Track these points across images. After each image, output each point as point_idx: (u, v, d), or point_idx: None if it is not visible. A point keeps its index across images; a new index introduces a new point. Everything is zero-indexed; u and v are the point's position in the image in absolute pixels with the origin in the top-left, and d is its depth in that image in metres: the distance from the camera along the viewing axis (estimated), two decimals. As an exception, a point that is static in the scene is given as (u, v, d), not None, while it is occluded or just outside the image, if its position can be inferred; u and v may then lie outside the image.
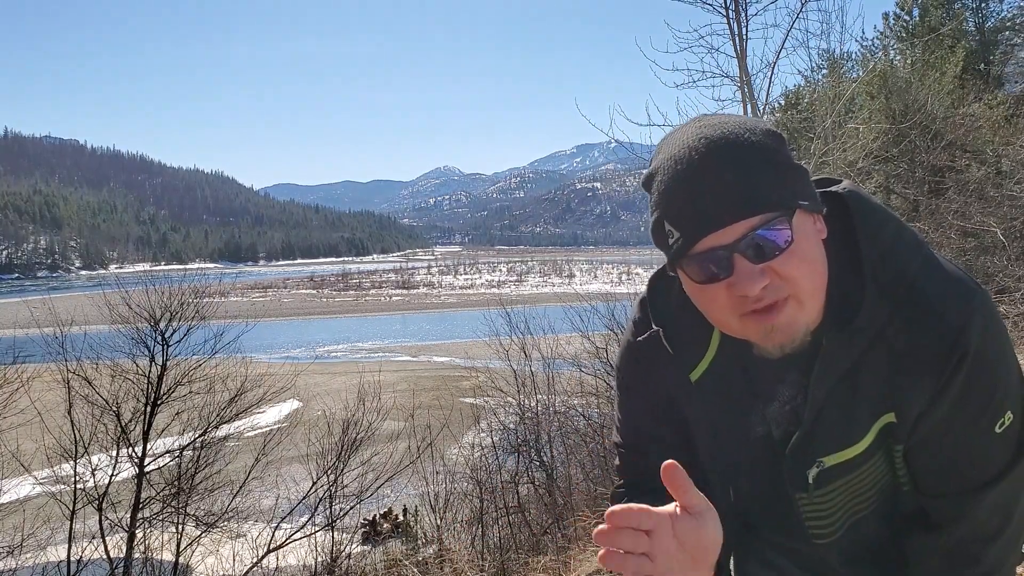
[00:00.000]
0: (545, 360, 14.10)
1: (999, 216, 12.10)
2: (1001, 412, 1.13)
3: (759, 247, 1.06)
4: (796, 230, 1.07)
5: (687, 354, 1.30)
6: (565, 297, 15.41)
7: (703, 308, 1.16)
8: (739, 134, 1.09)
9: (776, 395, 1.25)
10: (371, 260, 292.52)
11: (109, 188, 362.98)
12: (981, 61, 20.51)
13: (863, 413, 1.18)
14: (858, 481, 1.24)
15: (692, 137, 1.10)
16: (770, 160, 1.08)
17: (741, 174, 1.05)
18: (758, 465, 1.29)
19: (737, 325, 1.12)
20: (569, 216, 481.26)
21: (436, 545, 11.23)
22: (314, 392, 28.17)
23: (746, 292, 1.06)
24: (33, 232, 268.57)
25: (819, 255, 1.12)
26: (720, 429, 1.30)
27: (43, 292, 18.57)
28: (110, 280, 14.78)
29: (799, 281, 1.08)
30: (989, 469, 1.16)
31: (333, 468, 12.67)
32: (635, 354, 1.38)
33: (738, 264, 1.06)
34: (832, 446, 1.21)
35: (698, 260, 1.09)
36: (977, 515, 1.17)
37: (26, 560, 10.86)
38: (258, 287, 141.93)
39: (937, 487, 1.20)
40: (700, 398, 1.30)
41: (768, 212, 1.05)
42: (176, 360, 12.25)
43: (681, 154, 1.09)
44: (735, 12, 8.67)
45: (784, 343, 1.13)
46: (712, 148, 1.07)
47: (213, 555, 11.84)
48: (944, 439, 1.16)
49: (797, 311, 1.09)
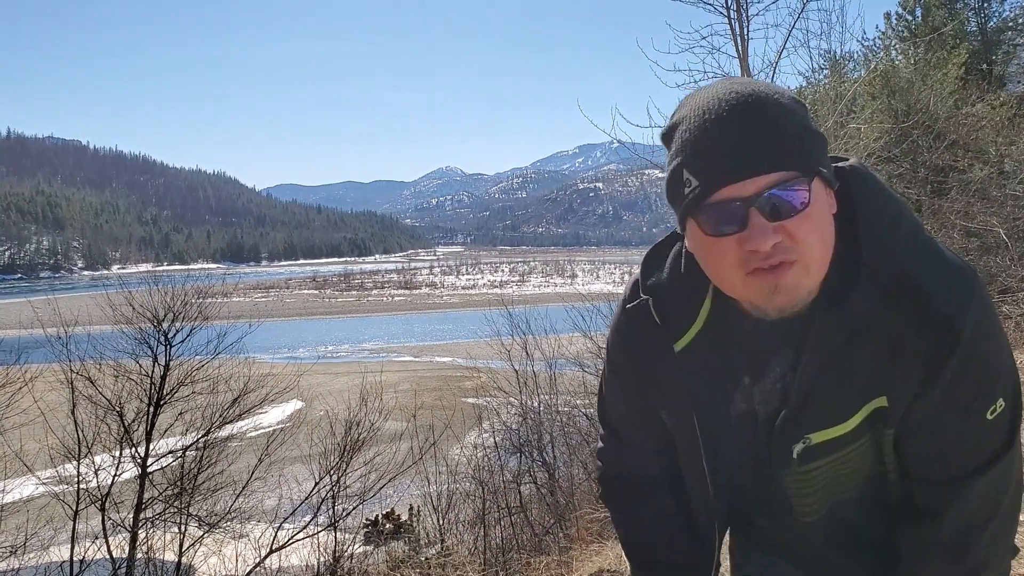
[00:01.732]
0: (547, 360, 14.11)
1: (1002, 216, 12.10)
2: (993, 399, 1.14)
3: (775, 205, 1.06)
4: (813, 195, 1.08)
5: (674, 325, 1.30)
6: (567, 297, 15.43)
7: (708, 264, 1.16)
8: (769, 94, 1.10)
9: (765, 370, 1.26)
10: (373, 260, 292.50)
11: (112, 189, 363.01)
12: (984, 61, 20.48)
13: (853, 393, 1.18)
14: (842, 462, 1.24)
15: (722, 91, 1.11)
16: (796, 122, 1.09)
17: (768, 129, 1.07)
18: (742, 441, 1.30)
19: (740, 283, 1.12)
20: (571, 216, 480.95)
21: (438, 545, 11.24)
22: (317, 392, 28.18)
23: (757, 247, 1.06)
24: (36, 233, 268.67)
25: (830, 226, 1.13)
26: (702, 403, 1.30)
27: (46, 292, 18.61)
28: (113, 280, 14.81)
29: (809, 246, 1.08)
30: (980, 456, 1.17)
31: (336, 468, 12.66)
32: (622, 327, 1.39)
33: (753, 219, 1.07)
34: (820, 423, 1.21)
35: (713, 211, 1.09)
36: (968, 502, 1.18)
37: (29, 560, 10.87)
38: (260, 287, 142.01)
39: (927, 473, 1.20)
40: (683, 371, 1.30)
41: (789, 171, 1.06)
42: (179, 360, 12.25)
43: (709, 105, 1.10)
44: (736, 12, 8.68)
45: (785, 306, 1.13)
46: (741, 102, 1.08)
47: (216, 555, 11.84)
48: (936, 425, 1.16)
49: (802, 275, 1.10)
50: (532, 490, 12.07)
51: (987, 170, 13.55)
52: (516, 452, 12.76)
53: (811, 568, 1.42)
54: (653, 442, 1.42)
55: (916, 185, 14.47)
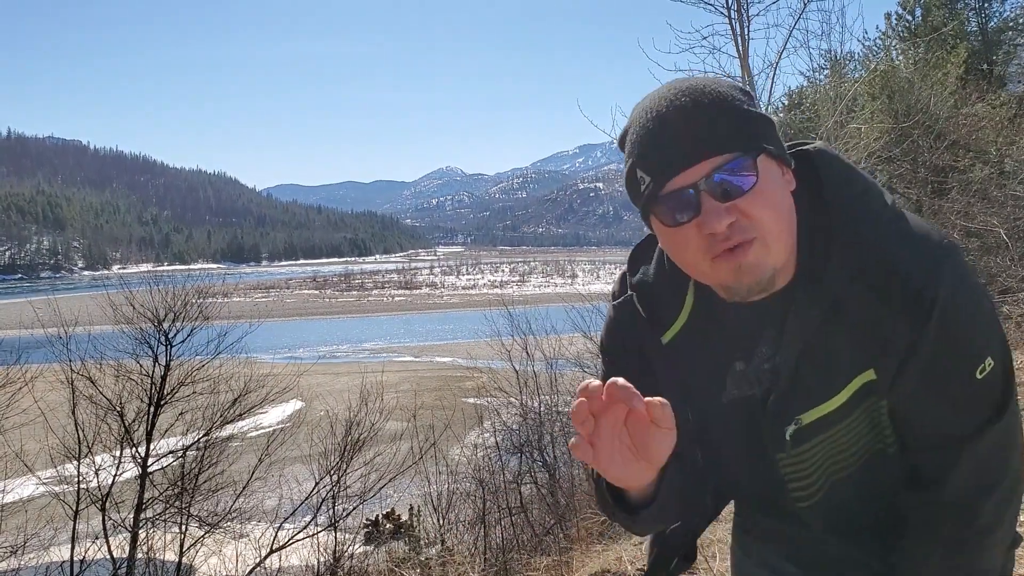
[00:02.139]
0: (548, 360, 14.11)
1: (1002, 216, 12.09)
2: (980, 358, 1.15)
3: (724, 188, 1.09)
4: (761, 173, 1.11)
5: (660, 317, 1.33)
6: (568, 297, 15.43)
7: (675, 254, 1.19)
8: (706, 84, 1.15)
9: (753, 355, 1.27)
10: (374, 260, 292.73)
11: (112, 189, 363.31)
12: (984, 61, 20.48)
13: (839, 368, 1.19)
14: (836, 439, 1.25)
15: (663, 90, 1.16)
16: (735, 107, 1.13)
17: (705, 117, 1.10)
18: (735, 428, 1.31)
19: (708, 268, 1.15)
20: (572, 216, 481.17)
21: (438, 545, 11.25)
22: (317, 392, 28.19)
23: (713, 229, 1.09)
24: (36, 233, 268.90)
25: (785, 202, 1.15)
26: (692, 392, 1.32)
27: (47, 292, 18.61)
28: (113, 281, 14.81)
29: (764, 222, 1.11)
30: (976, 416, 1.17)
31: (336, 468, 12.67)
32: (613, 322, 1.42)
33: (705, 203, 1.09)
34: (809, 402, 1.22)
35: (667, 202, 1.13)
36: (969, 466, 1.19)
37: (29, 560, 10.87)
38: (261, 287, 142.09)
39: (925, 440, 1.22)
40: (672, 362, 1.32)
41: (732, 152, 1.09)
42: (179, 360, 12.27)
43: (651, 105, 1.15)
44: (737, 13, 8.70)
45: (752, 284, 1.15)
46: (679, 96, 1.13)
47: (216, 555, 11.84)
48: (926, 390, 1.17)
49: (763, 253, 1.12)
50: (532, 490, 12.07)
51: (987, 170, 13.54)
52: (516, 452, 12.76)
53: (811, 565, 1.42)
54: None
55: (916, 185, 14.47)
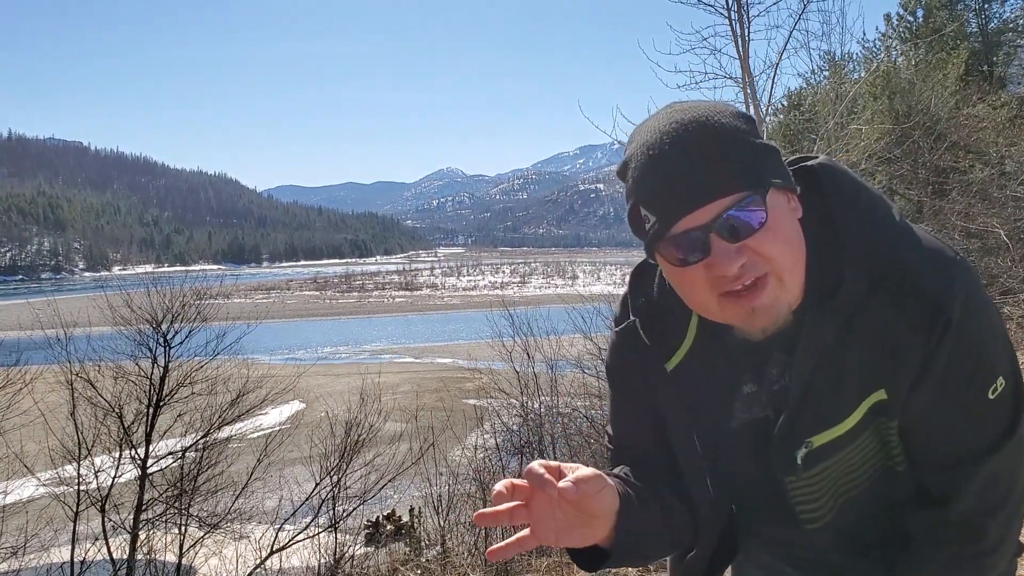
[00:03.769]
0: (548, 361, 14.09)
1: (1003, 217, 12.09)
2: (992, 378, 1.14)
3: (734, 227, 1.07)
4: (770, 208, 1.08)
5: (664, 344, 1.30)
6: (568, 298, 15.39)
7: (682, 292, 1.17)
8: (709, 117, 1.10)
9: (762, 378, 1.25)
10: (374, 261, 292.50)
11: (112, 190, 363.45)
12: (984, 62, 20.48)
13: (850, 390, 1.17)
14: (847, 460, 1.23)
15: (663, 122, 1.11)
16: (740, 141, 1.09)
17: (712, 155, 1.07)
18: (743, 451, 1.29)
19: (716, 307, 1.12)
20: (572, 217, 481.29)
21: (439, 547, 11.23)
22: (317, 393, 28.15)
23: (723, 272, 1.07)
24: (37, 234, 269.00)
25: (795, 232, 1.13)
26: (699, 418, 1.30)
27: (47, 294, 18.64)
28: (113, 282, 14.81)
29: (776, 258, 1.08)
30: (986, 437, 1.16)
31: (336, 469, 12.66)
32: (616, 348, 1.40)
33: (715, 244, 1.07)
34: (819, 425, 1.20)
35: (675, 243, 1.10)
36: (979, 486, 1.17)
37: (29, 561, 10.88)
38: (261, 288, 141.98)
39: (935, 460, 1.20)
40: (676, 388, 1.30)
41: (740, 192, 1.06)
42: (178, 362, 12.27)
43: (652, 140, 1.10)
44: (737, 14, 8.69)
45: (766, 325, 1.14)
46: (682, 132, 1.08)
47: (216, 556, 11.83)
48: (937, 410, 1.16)
49: (778, 289, 1.10)
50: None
51: (988, 171, 13.55)
52: (517, 453, 12.74)
53: (814, 571, 1.40)
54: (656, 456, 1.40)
55: (917, 186, 14.46)
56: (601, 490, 1.05)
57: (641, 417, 1.39)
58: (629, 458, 1.41)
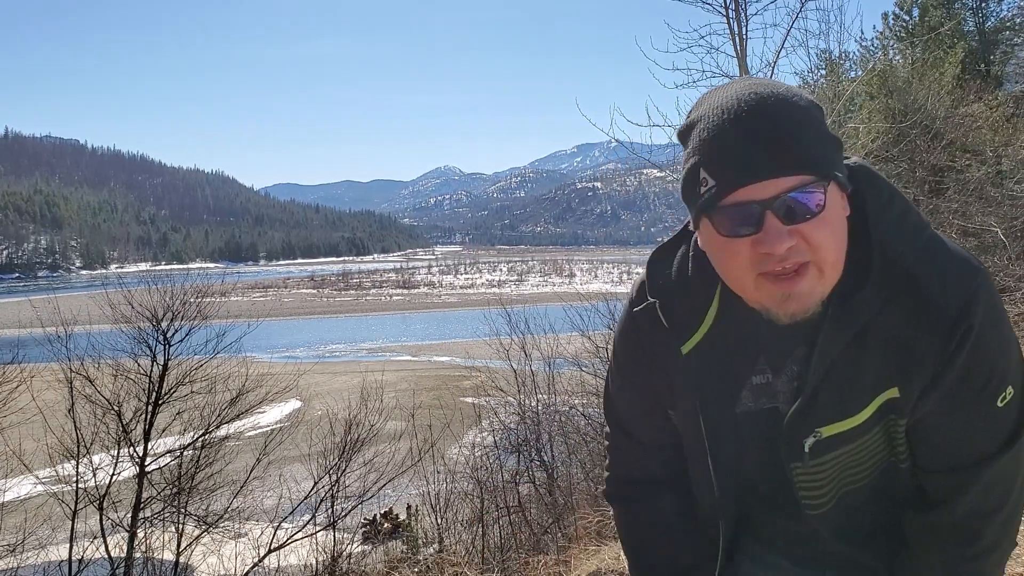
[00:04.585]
0: (546, 359, 14.10)
1: (999, 216, 12.10)
2: (1003, 386, 1.16)
3: (791, 208, 1.07)
4: (828, 199, 1.09)
5: (681, 327, 1.30)
6: (565, 296, 15.43)
7: (721, 264, 1.16)
8: (788, 96, 1.10)
9: (781, 371, 1.27)
10: (372, 260, 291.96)
11: (110, 188, 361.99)
12: (981, 61, 20.49)
13: (865, 385, 1.19)
14: (854, 453, 1.25)
15: (742, 90, 1.11)
16: (815, 126, 1.10)
17: (788, 131, 1.07)
18: (750, 440, 1.31)
19: (752, 285, 1.12)
20: (569, 216, 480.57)
21: (436, 545, 11.25)
22: (315, 392, 28.21)
23: (772, 250, 1.07)
24: (34, 232, 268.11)
25: (843, 229, 1.14)
26: (708, 403, 1.31)
27: (45, 292, 18.59)
28: (111, 280, 14.78)
29: (823, 249, 1.09)
30: (990, 444, 1.19)
31: (334, 468, 12.67)
32: (629, 330, 1.40)
33: (768, 221, 1.07)
34: (831, 416, 1.22)
35: (729, 212, 1.09)
36: (978, 490, 1.20)
37: (27, 559, 10.87)
38: (259, 287, 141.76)
39: (939, 462, 1.22)
40: (688, 372, 1.31)
41: (808, 174, 1.06)
42: (178, 360, 12.25)
43: (729, 104, 1.10)
44: (735, 12, 8.70)
45: (796, 312, 1.14)
46: (762, 103, 1.08)
47: (214, 555, 11.84)
48: (947, 414, 1.18)
49: (816, 280, 1.10)
50: (530, 489, 12.08)
51: (984, 169, 13.56)
52: (514, 451, 12.76)
53: (812, 564, 1.42)
54: (661, 436, 1.43)
55: (914, 185, 14.48)
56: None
57: (648, 397, 1.40)
58: (633, 436, 1.44)
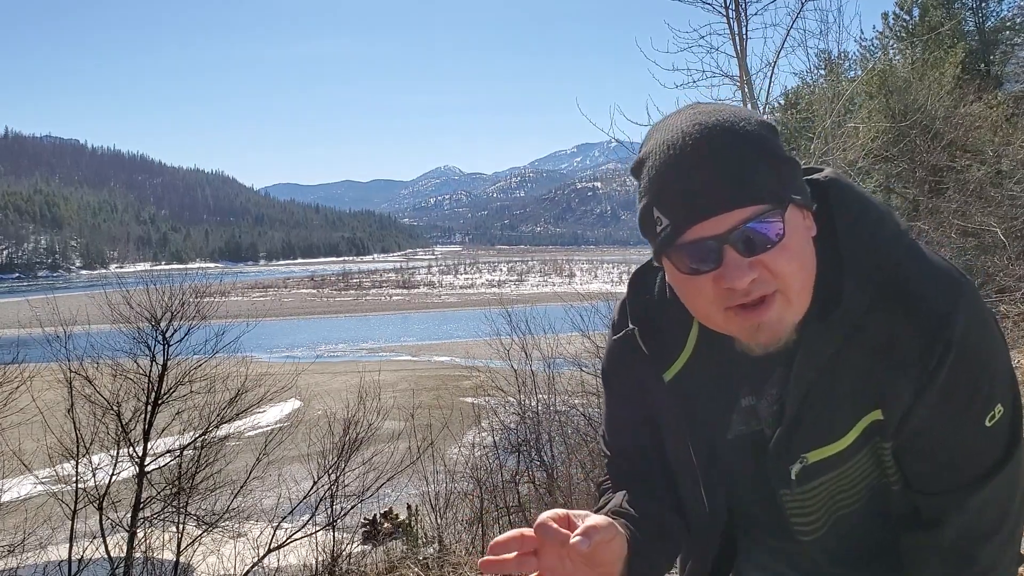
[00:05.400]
0: (545, 359, 14.10)
1: (999, 215, 12.11)
2: (991, 404, 1.10)
3: (750, 240, 1.03)
4: (788, 225, 1.04)
5: (662, 354, 1.28)
6: (565, 296, 15.42)
7: (687, 300, 1.14)
8: (735, 123, 1.06)
9: (762, 392, 1.23)
10: (371, 260, 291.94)
11: (110, 188, 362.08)
12: (981, 61, 20.51)
13: (846, 408, 1.15)
14: (843, 478, 1.21)
15: (686, 123, 1.06)
16: (765, 151, 1.05)
17: (736, 163, 1.02)
18: (740, 463, 1.28)
19: (721, 319, 1.09)
20: (569, 216, 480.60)
21: (436, 544, 11.25)
22: (315, 392, 28.15)
23: (734, 285, 1.03)
24: (33, 232, 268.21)
25: (808, 251, 1.09)
26: (696, 429, 1.28)
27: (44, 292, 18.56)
28: (111, 280, 14.76)
29: (788, 277, 1.05)
30: (981, 464, 1.13)
31: (334, 468, 12.67)
32: (614, 354, 1.37)
33: (727, 256, 1.03)
34: (815, 441, 1.18)
35: (686, 250, 1.05)
36: (971, 512, 1.15)
37: (27, 559, 10.87)
38: (259, 287, 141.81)
39: (930, 484, 1.17)
40: (673, 398, 1.28)
41: (761, 204, 1.02)
42: (177, 360, 12.26)
43: (674, 139, 1.05)
44: (735, 12, 8.70)
45: (768, 343, 1.11)
46: (707, 135, 1.04)
47: (214, 554, 11.84)
48: (933, 434, 1.12)
49: (785, 308, 1.07)
50: (530, 489, 12.09)
51: (984, 169, 13.58)
52: (514, 451, 12.77)
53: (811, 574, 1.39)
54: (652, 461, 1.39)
55: (913, 185, 14.50)
56: (611, 540, 1.03)
57: (637, 423, 1.37)
58: (624, 466, 1.40)
